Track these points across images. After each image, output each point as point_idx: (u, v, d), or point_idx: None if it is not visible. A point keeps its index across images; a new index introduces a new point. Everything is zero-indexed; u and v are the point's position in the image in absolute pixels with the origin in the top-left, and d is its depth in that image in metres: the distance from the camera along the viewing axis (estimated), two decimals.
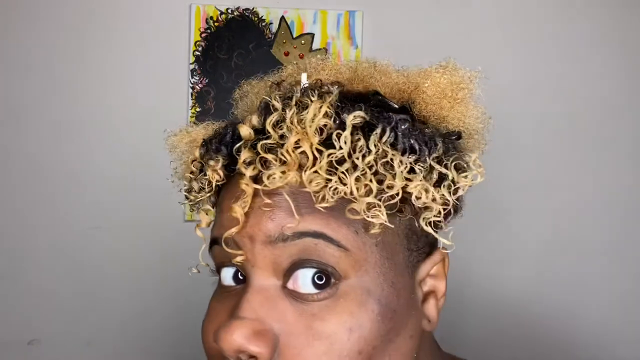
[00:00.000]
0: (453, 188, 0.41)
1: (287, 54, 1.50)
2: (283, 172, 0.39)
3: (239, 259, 0.41)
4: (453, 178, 0.41)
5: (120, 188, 1.48)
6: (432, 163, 0.41)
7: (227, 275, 0.44)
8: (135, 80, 1.49)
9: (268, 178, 0.39)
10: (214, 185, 0.44)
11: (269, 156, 0.40)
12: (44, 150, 1.47)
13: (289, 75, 0.50)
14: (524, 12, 1.56)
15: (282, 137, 0.40)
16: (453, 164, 0.41)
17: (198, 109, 1.49)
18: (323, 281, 0.39)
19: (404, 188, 0.40)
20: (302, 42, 1.51)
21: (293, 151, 0.39)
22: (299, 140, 0.39)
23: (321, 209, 0.39)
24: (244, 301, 0.40)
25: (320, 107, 0.40)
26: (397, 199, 0.39)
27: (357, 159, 0.39)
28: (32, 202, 1.47)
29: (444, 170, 0.41)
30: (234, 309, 0.40)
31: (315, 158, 0.39)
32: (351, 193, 0.39)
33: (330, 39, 1.51)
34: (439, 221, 0.41)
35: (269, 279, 0.40)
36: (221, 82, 1.49)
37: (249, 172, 0.40)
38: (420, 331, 0.44)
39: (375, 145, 0.39)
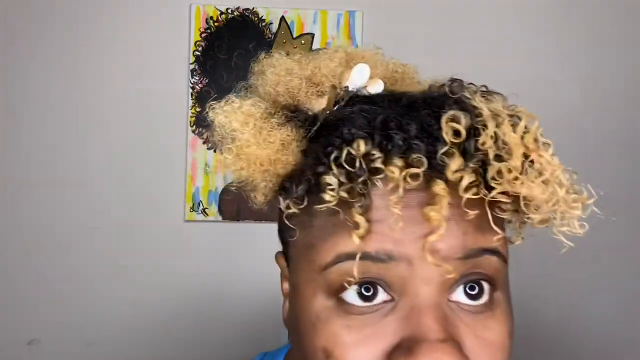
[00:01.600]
0: None
1: (287, 54, 1.50)
2: (514, 183, 0.36)
3: (395, 288, 0.38)
4: None
5: (120, 188, 1.48)
6: None
7: (352, 296, 0.38)
8: (136, 80, 1.49)
9: (482, 192, 0.36)
10: (400, 192, 0.36)
11: (500, 165, 0.36)
12: (42, 150, 1.47)
13: (340, 65, 0.46)
14: (523, 11, 1.56)
15: (500, 146, 0.37)
16: None
17: (198, 109, 1.49)
18: (476, 291, 0.39)
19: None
20: (302, 42, 1.51)
21: (518, 159, 0.36)
22: (529, 156, 0.37)
23: (493, 221, 0.37)
24: (433, 322, 0.36)
25: (526, 124, 0.37)
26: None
27: (557, 170, 0.37)
28: (31, 202, 1.47)
29: None
30: (416, 332, 0.36)
31: (540, 173, 0.37)
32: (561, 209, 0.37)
33: (330, 39, 1.51)
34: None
35: (441, 295, 0.38)
36: (221, 82, 1.49)
37: (461, 178, 0.36)
38: None
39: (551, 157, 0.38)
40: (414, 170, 0.36)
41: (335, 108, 0.44)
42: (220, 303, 1.49)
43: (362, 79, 0.45)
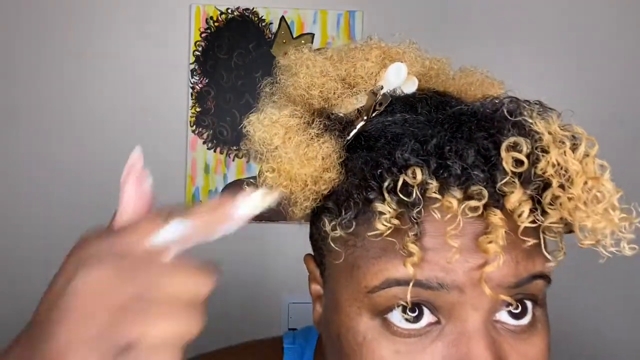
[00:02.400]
0: None
1: (287, 54, 1.50)
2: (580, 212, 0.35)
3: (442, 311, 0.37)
4: None
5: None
6: None
7: (398, 314, 0.38)
8: (135, 80, 1.49)
9: (545, 220, 0.36)
10: (459, 224, 0.35)
11: (567, 195, 0.35)
12: (43, 150, 1.47)
13: (376, 64, 0.44)
14: (524, 11, 1.56)
15: (560, 173, 0.36)
16: None
17: (198, 109, 1.49)
18: (519, 310, 0.39)
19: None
20: (302, 42, 1.51)
21: (580, 187, 0.36)
22: (586, 180, 0.36)
23: (540, 246, 0.37)
24: (481, 349, 0.36)
25: (586, 148, 0.37)
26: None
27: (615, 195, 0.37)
28: (31, 202, 1.47)
29: None
30: (459, 356, 0.37)
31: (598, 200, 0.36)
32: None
33: (330, 39, 1.51)
34: None
35: (487, 319, 0.38)
36: (221, 82, 1.49)
37: (521, 209, 0.35)
38: None
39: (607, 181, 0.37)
40: (474, 203, 0.35)
41: (373, 114, 0.42)
42: (220, 303, 1.49)
43: (398, 79, 0.43)
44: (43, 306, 0.32)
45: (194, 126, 1.49)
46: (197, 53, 1.49)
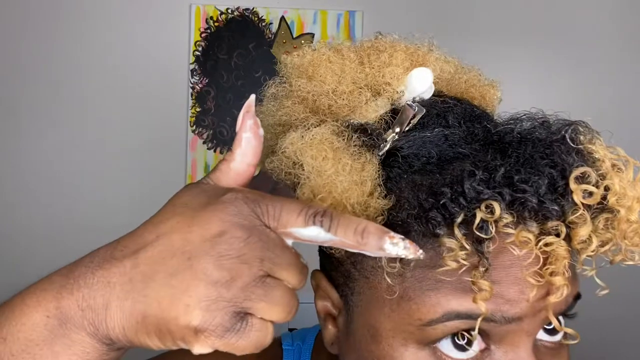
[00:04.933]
0: None
1: (287, 54, 1.50)
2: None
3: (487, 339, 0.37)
4: None
5: (120, 188, 1.48)
6: None
7: (447, 343, 0.37)
8: (136, 80, 1.49)
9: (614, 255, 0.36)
10: (538, 260, 0.34)
11: (630, 225, 0.35)
12: (43, 150, 1.47)
13: (399, 68, 0.41)
14: (525, 11, 1.56)
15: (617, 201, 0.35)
16: None
17: (198, 109, 1.49)
18: (552, 326, 0.38)
19: None
20: (302, 42, 1.51)
21: (632, 214, 0.35)
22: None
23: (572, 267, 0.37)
24: None
25: (631, 173, 0.36)
26: None
27: None
28: (31, 203, 1.47)
29: None
30: None
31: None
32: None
33: (330, 39, 1.51)
34: None
35: (535, 342, 0.38)
36: (221, 82, 1.49)
37: (594, 244, 0.34)
38: None
39: None
40: (551, 239, 0.33)
41: (406, 128, 0.39)
42: None
43: (424, 86, 0.40)
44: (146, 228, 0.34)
45: (194, 126, 1.49)
46: (197, 53, 1.49)
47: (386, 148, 0.38)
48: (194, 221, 0.31)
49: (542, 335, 0.38)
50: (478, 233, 0.33)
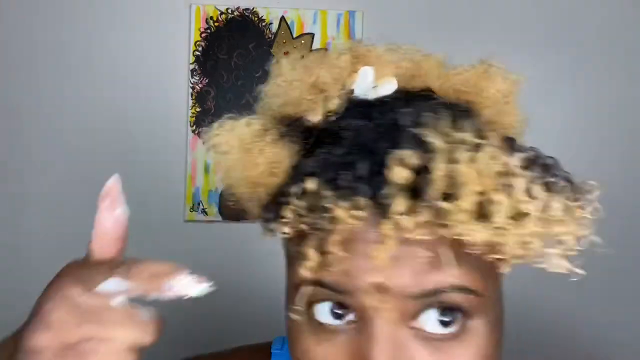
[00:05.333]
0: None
1: (287, 54, 1.50)
2: (465, 224, 0.35)
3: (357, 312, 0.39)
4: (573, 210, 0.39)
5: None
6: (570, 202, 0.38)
7: (324, 310, 0.40)
8: (135, 80, 1.49)
9: (437, 232, 0.36)
10: (345, 228, 0.37)
11: (445, 204, 0.35)
12: (41, 150, 1.47)
13: (345, 68, 0.45)
14: (526, 11, 1.56)
15: (454, 183, 0.35)
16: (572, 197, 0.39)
17: (198, 109, 1.49)
18: (449, 319, 0.39)
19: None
20: (302, 42, 1.51)
21: (470, 198, 0.35)
22: (485, 190, 0.35)
23: (460, 257, 0.37)
24: (378, 352, 0.37)
25: (494, 152, 0.36)
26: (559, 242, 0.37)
27: (531, 204, 0.36)
28: (31, 202, 1.47)
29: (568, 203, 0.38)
30: (361, 357, 0.38)
31: (491, 205, 0.35)
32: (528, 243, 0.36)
33: (330, 39, 1.51)
34: None
35: (397, 324, 0.38)
36: (221, 82, 1.49)
37: (406, 222, 0.35)
38: None
39: (538, 191, 0.36)
40: (358, 213, 0.36)
41: (333, 118, 0.43)
42: (219, 303, 1.49)
43: (366, 83, 0.44)
44: (27, 322, 0.37)
45: (194, 126, 1.49)
46: (197, 53, 1.49)
47: (311, 139, 0.43)
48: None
49: (432, 327, 0.39)
50: (300, 203, 0.38)
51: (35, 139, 1.47)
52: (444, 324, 0.39)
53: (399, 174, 0.36)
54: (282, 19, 1.50)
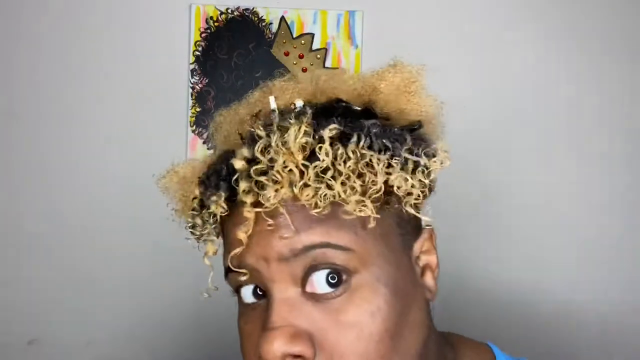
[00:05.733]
0: (427, 172, 0.47)
1: (287, 54, 1.50)
2: (276, 191, 0.44)
3: (244, 278, 0.47)
4: (425, 164, 0.47)
5: (119, 188, 1.48)
6: (406, 155, 0.47)
7: (247, 293, 0.48)
8: (135, 80, 1.49)
9: (266, 199, 0.44)
10: (218, 218, 0.48)
11: (262, 178, 0.44)
12: (42, 149, 1.47)
13: (258, 101, 0.54)
14: (526, 11, 1.56)
15: (271, 160, 0.45)
16: (423, 152, 0.48)
17: (198, 109, 1.49)
18: (336, 280, 0.45)
19: (385, 182, 0.45)
20: (302, 42, 1.51)
21: (282, 170, 0.44)
22: (285, 160, 0.44)
23: (320, 220, 0.44)
24: (273, 314, 0.44)
25: (299, 128, 0.45)
26: (381, 192, 0.45)
27: (339, 165, 0.44)
28: (31, 202, 1.47)
29: (415, 159, 0.47)
30: (265, 324, 0.45)
31: (302, 173, 0.44)
32: (339, 196, 0.43)
33: (330, 39, 1.51)
34: (419, 203, 0.48)
35: (289, 289, 0.45)
36: (221, 82, 1.49)
37: (249, 199, 0.45)
38: (426, 302, 0.51)
39: (353, 152, 0.45)
40: (221, 202, 0.47)
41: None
42: (220, 303, 1.48)
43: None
44: None
45: (194, 126, 1.49)
46: (197, 53, 1.49)
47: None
48: None
49: (324, 289, 0.45)
50: (195, 205, 0.51)
51: (35, 139, 1.47)
52: (332, 285, 0.45)
53: (237, 164, 0.46)
54: (282, 19, 1.50)
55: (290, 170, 0.44)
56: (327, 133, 0.45)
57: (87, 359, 1.48)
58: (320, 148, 0.44)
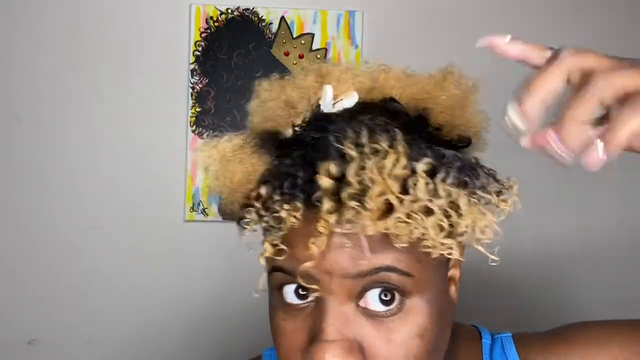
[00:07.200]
0: (499, 213, 0.48)
1: (287, 54, 1.50)
2: (371, 220, 0.43)
3: (315, 293, 0.47)
4: (496, 204, 0.48)
5: (120, 188, 1.48)
6: (482, 194, 0.47)
7: (290, 291, 0.48)
8: (136, 80, 1.49)
9: (361, 228, 0.43)
10: (288, 226, 0.46)
11: (353, 204, 0.43)
12: (43, 150, 1.47)
13: (311, 86, 0.52)
14: (524, 10, 1.56)
15: (361, 184, 0.43)
16: (495, 192, 0.48)
17: (198, 109, 1.49)
18: (389, 297, 0.46)
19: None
20: (302, 42, 1.51)
21: (377, 199, 0.43)
22: (383, 190, 0.43)
23: (393, 246, 0.44)
24: (328, 325, 0.45)
25: (398, 158, 0.44)
26: (466, 233, 0.45)
27: (432, 203, 0.43)
28: (31, 202, 1.47)
29: (488, 197, 0.47)
30: (317, 332, 0.46)
31: (393, 204, 0.43)
32: (429, 234, 0.43)
33: (330, 39, 1.51)
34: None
35: (345, 303, 0.46)
36: (221, 82, 1.49)
37: (331, 218, 0.44)
38: (453, 315, 0.53)
39: (443, 190, 0.44)
40: (295, 214, 0.45)
41: (298, 131, 0.51)
42: (220, 303, 1.49)
43: (328, 99, 0.51)
44: None
45: (194, 126, 1.49)
46: (197, 53, 1.49)
47: (280, 149, 0.51)
48: None
49: (376, 306, 0.46)
50: (258, 206, 0.48)
51: (33, 139, 1.47)
52: (385, 302, 0.46)
53: (324, 182, 0.44)
54: (282, 19, 1.50)
55: (386, 200, 0.43)
56: (421, 167, 0.44)
57: (87, 359, 1.48)
58: (415, 183, 0.44)
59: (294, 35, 1.51)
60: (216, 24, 1.49)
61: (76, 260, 1.47)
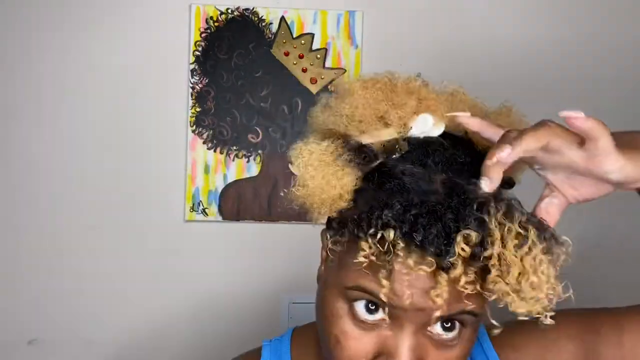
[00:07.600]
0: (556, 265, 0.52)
1: (287, 54, 1.50)
2: (494, 282, 0.48)
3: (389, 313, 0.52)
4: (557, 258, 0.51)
5: (120, 188, 1.48)
6: (552, 251, 0.50)
7: (361, 306, 0.53)
8: (135, 80, 1.49)
9: (488, 290, 0.48)
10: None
11: (477, 266, 0.48)
12: (41, 149, 1.47)
13: (410, 112, 0.54)
14: (524, 10, 1.56)
15: (485, 250, 0.48)
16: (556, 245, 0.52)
17: (198, 109, 1.49)
18: (449, 325, 0.53)
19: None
20: (302, 42, 1.51)
21: (513, 278, 0.47)
22: (515, 269, 0.47)
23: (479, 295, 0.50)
24: (404, 348, 0.52)
25: (534, 244, 0.48)
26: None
27: (542, 273, 0.48)
28: (31, 202, 1.47)
29: (557, 253, 0.51)
30: (391, 350, 0.52)
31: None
32: (545, 301, 0.48)
33: (330, 39, 1.51)
34: None
35: (419, 329, 0.52)
36: (221, 82, 1.49)
37: (463, 280, 0.48)
38: None
39: (547, 268, 0.48)
40: (425, 268, 0.48)
41: (394, 156, 0.54)
42: (220, 303, 1.49)
43: (425, 127, 0.55)
44: None
45: (194, 126, 1.49)
46: (197, 53, 1.49)
47: (371, 166, 0.54)
48: None
49: (438, 330, 0.53)
50: (378, 246, 0.48)
51: (34, 138, 1.47)
52: (445, 328, 0.53)
53: (464, 251, 0.47)
54: (282, 19, 1.50)
55: (508, 264, 0.47)
56: (532, 235, 0.48)
57: (87, 359, 1.48)
58: (540, 262, 0.47)
59: (294, 35, 1.51)
60: (216, 24, 1.49)
61: (76, 260, 1.47)
